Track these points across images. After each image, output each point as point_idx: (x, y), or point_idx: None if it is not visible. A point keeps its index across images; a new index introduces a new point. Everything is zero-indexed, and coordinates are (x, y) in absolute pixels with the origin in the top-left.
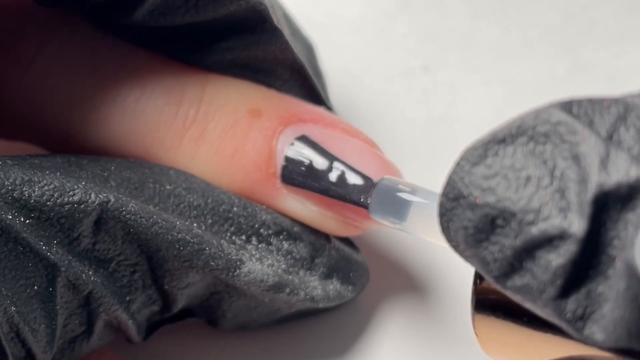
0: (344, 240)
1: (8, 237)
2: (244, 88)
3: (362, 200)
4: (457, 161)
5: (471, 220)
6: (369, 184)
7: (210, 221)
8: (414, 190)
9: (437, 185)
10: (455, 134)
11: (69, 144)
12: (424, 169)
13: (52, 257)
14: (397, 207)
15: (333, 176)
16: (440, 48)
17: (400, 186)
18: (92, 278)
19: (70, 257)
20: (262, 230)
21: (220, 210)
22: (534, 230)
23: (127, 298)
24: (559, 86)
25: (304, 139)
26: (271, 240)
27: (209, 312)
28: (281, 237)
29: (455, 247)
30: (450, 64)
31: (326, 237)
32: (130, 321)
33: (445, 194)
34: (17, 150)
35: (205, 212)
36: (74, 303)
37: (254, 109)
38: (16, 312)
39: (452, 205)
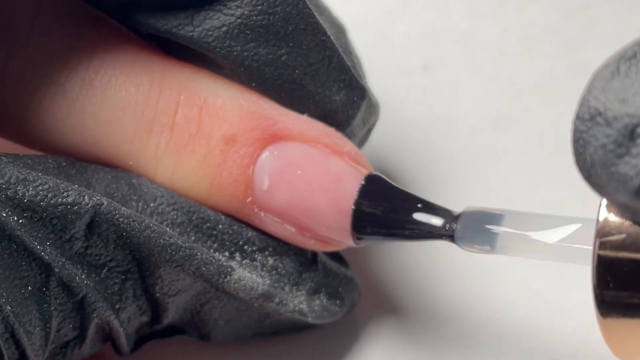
0: (334, 256)
1: (2, 234)
2: (217, 109)
3: (447, 230)
4: (589, 83)
5: (609, 136)
6: (451, 216)
7: (193, 238)
8: (501, 215)
9: (437, 183)
10: (456, 133)
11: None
12: (424, 168)
13: (46, 257)
14: (486, 234)
15: (410, 219)
16: (440, 47)
17: (486, 212)
18: (86, 282)
19: (64, 260)
20: (246, 246)
21: (204, 227)
22: None
23: (117, 306)
24: (559, 85)
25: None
26: (255, 256)
27: (201, 326)
28: (266, 252)
29: (590, 175)
30: (450, 63)
31: (313, 252)
32: (121, 329)
33: (579, 117)
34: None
35: (188, 229)
36: (69, 306)
37: (228, 135)
38: (11, 312)
39: (588, 125)
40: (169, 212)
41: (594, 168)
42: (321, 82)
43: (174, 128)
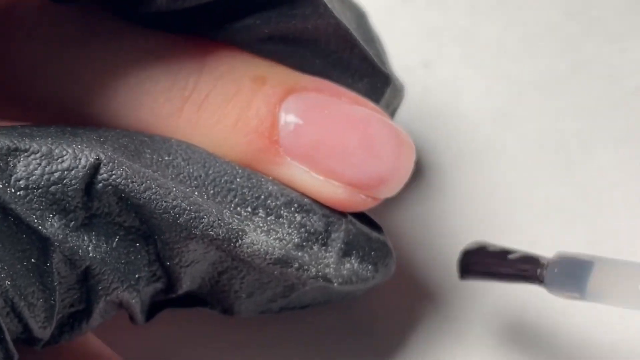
0: (364, 219)
1: None
2: (248, 57)
3: (538, 275)
4: None
5: None
6: (540, 262)
7: (212, 192)
8: (591, 262)
9: (436, 181)
10: (456, 131)
11: (69, 120)
12: (424, 165)
13: (45, 231)
14: (576, 282)
15: (506, 263)
16: (440, 44)
17: (577, 259)
18: (91, 254)
19: (68, 232)
20: (269, 201)
21: (222, 181)
22: None
23: (137, 275)
24: (560, 83)
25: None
26: (281, 212)
27: (222, 298)
28: (292, 208)
29: None
30: (451, 61)
31: (341, 212)
32: (134, 300)
33: None
34: None
35: (206, 182)
36: (72, 278)
37: (258, 76)
38: (11, 286)
39: None
40: (185, 166)
41: None
42: (343, 70)
43: (203, 69)
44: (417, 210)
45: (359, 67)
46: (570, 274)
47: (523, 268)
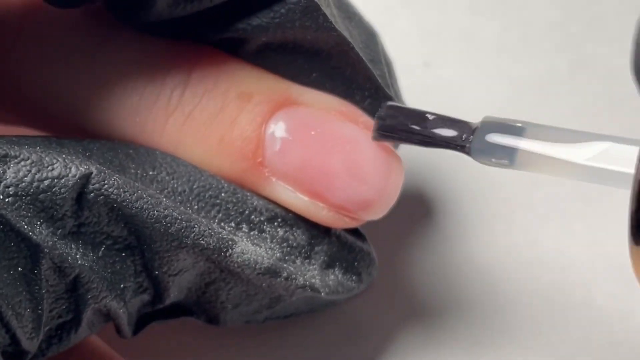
0: (350, 229)
1: None
2: (235, 70)
3: (463, 140)
4: None
5: None
6: (467, 127)
7: (196, 207)
8: (522, 127)
9: (437, 180)
10: None
11: (55, 126)
12: (424, 165)
13: (35, 237)
14: (504, 148)
15: (428, 124)
16: (441, 44)
17: (506, 124)
18: (80, 262)
19: (56, 239)
20: (253, 216)
21: (207, 196)
22: None
23: (122, 285)
24: (560, 82)
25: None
26: (264, 227)
27: (208, 308)
28: (275, 223)
29: None
30: (451, 61)
31: None
32: (122, 310)
33: None
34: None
35: (190, 198)
36: (61, 287)
37: (244, 92)
38: None
39: None
40: (169, 180)
41: None
42: (344, 87)
43: (188, 83)
44: (414, 212)
45: (362, 87)
46: (498, 139)
47: (447, 131)
